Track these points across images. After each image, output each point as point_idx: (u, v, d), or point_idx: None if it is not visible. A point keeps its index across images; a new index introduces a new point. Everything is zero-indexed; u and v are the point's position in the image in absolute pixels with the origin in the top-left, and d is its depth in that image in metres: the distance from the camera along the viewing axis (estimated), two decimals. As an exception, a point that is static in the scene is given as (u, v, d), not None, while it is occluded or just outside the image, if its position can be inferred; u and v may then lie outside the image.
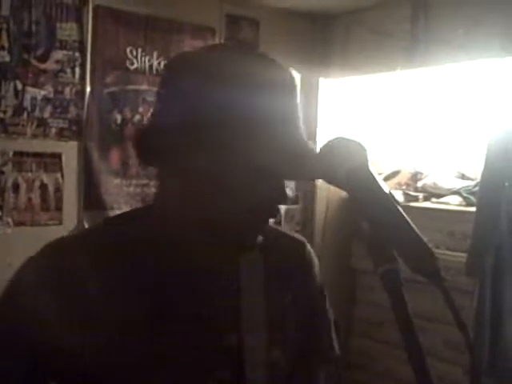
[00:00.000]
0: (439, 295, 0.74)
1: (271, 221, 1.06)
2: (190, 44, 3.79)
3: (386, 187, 0.80)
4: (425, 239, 0.74)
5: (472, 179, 3.63)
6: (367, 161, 0.84)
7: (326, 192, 4.03)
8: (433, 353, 3.01)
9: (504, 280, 2.96)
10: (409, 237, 0.75)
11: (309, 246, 1.23)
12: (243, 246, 1.02)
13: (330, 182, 0.86)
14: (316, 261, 1.22)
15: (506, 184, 2.96)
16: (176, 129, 0.93)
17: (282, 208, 4.08)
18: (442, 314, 3.15)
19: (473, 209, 3.21)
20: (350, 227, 3.81)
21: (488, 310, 2.96)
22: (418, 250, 0.74)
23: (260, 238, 1.00)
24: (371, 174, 0.81)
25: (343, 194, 3.90)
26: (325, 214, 4.09)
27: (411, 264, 0.74)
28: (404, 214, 0.76)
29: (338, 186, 0.84)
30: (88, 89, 3.43)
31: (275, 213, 0.99)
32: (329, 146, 0.87)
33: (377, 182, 0.80)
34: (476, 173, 3.58)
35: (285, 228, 4.25)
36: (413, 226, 0.75)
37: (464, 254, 3.12)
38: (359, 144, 0.87)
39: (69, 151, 3.40)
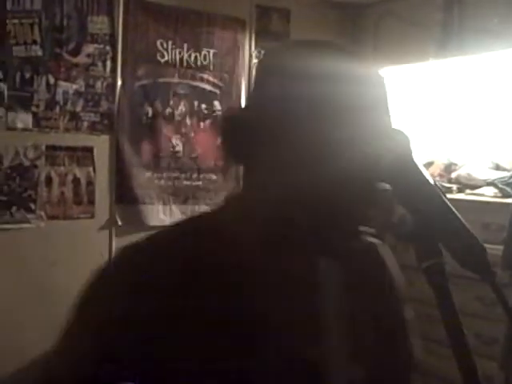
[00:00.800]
0: (471, 289, 0.71)
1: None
2: (220, 36, 3.78)
3: (430, 178, 0.77)
4: (473, 232, 0.71)
5: (507, 170, 3.56)
6: (411, 150, 0.81)
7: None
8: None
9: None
10: (457, 229, 0.71)
11: (381, 248, 1.15)
12: (333, 253, 0.96)
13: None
14: (391, 260, 1.15)
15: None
16: (272, 124, 0.89)
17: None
18: (475, 307, 3.10)
19: (509, 200, 3.15)
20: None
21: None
22: (466, 244, 0.70)
23: (349, 245, 0.94)
24: (415, 163, 0.79)
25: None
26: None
27: (460, 258, 0.70)
28: (451, 206, 0.73)
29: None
30: (119, 82, 3.44)
31: (365, 219, 0.91)
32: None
33: (421, 172, 0.77)
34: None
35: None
36: (461, 218, 0.72)
37: (500, 247, 3.05)
38: (402, 133, 0.85)
39: (101, 145, 3.42)
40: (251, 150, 0.91)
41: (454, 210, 0.72)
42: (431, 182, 0.76)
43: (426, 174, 0.77)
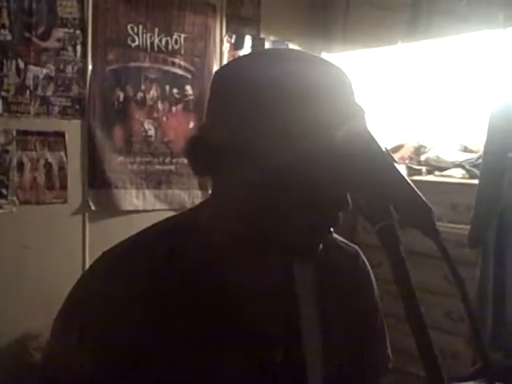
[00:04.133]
0: (439, 268, 0.74)
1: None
2: (191, 21, 3.78)
3: (382, 145, 0.81)
4: (421, 194, 0.74)
5: (475, 152, 3.63)
6: (365, 120, 0.85)
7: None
8: (434, 324, 3.02)
9: (506, 252, 2.97)
10: (406, 192, 0.75)
11: (362, 256, 1.19)
12: (303, 257, 0.99)
13: (327, 146, 0.85)
14: (369, 271, 1.19)
15: (509, 155, 2.95)
16: (232, 140, 0.90)
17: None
18: (443, 286, 3.17)
19: (476, 181, 3.21)
20: (353, 201, 3.80)
21: (491, 282, 2.97)
22: (414, 205, 0.74)
23: (320, 247, 0.95)
24: (369, 132, 0.82)
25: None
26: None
27: (407, 218, 0.74)
28: (401, 171, 0.77)
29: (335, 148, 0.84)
30: (90, 67, 3.43)
31: (337, 222, 0.94)
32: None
33: (374, 139, 0.81)
34: (479, 145, 3.57)
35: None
36: (409, 181, 0.75)
37: (467, 227, 3.12)
38: (357, 104, 0.88)
39: (72, 129, 3.41)
40: (216, 166, 0.93)
41: (403, 174, 0.76)
42: (383, 149, 0.80)
43: (379, 141, 0.81)
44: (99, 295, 0.95)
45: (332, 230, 0.95)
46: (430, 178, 3.67)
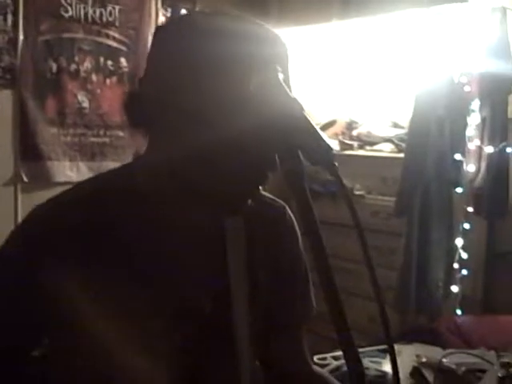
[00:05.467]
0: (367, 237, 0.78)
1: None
2: (126, -6, 3.75)
3: (290, 92, 0.85)
4: (323, 135, 0.79)
5: (404, 128, 3.74)
6: (276, 71, 0.88)
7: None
8: (363, 293, 3.12)
9: (430, 221, 3.09)
10: (310, 134, 0.79)
11: (288, 211, 1.24)
12: (230, 210, 1.04)
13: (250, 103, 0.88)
14: (294, 223, 1.24)
15: (432, 131, 3.07)
16: (163, 92, 0.96)
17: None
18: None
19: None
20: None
21: (415, 250, 3.09)
22: (316, 145, 0.78)
23: (248, 203, 1.01)
24: (278, 79, 0.86)
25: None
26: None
27: (310, 156, 0.78)
28: (307, 115, 0.81)
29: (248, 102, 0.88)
30: (21, 37, 3.37)
31: (264, 180, 0.99)
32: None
33: (281, 85, 0.85)
34: (408, 121, 3.68)
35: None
36: (314, 125, 0.80)
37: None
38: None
39: (3, 100, 3.36)
40: (151, 118, 0.98)
41: (309, 118, 0.80)
42: (292, 96, 0.84)
43: (286, 88, 0.85)
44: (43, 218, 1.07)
45: (260, 187, 1.01)
46: (362, 152, 3.77)
